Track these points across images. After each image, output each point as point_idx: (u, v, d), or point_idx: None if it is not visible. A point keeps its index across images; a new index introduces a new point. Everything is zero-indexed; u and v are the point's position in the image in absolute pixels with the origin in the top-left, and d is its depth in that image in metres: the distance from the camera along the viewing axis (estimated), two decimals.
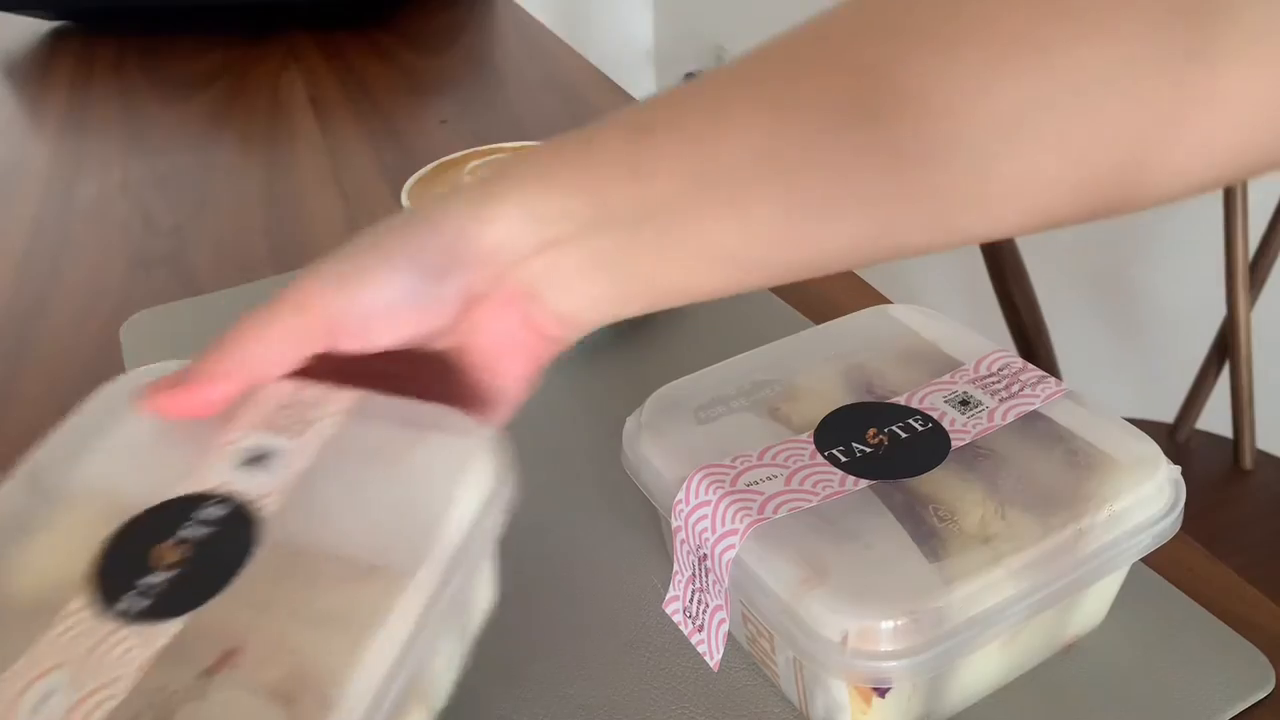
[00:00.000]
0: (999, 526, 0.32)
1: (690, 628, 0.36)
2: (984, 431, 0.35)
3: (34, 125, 0.98)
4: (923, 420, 0.36)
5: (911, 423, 0.36)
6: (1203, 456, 0.94)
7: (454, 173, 0.57)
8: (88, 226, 0.75)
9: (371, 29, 1.13)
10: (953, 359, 0.39)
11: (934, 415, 0.36)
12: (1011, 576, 0.31)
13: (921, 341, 0.40)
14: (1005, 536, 0.32)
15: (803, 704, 0.34)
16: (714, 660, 0.35)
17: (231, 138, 0.89)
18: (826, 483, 0.33)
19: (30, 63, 1.13)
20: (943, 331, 0.41)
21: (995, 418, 0.36)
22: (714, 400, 0.38)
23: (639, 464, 0.37)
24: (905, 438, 0.35)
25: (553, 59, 1.04)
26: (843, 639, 0.29)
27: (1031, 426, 0.36)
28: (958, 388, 0.37)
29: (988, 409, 0.36)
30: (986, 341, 0.40)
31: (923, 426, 0.36)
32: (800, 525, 0.32)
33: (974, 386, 0.37)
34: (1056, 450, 0.35)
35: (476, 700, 0.36)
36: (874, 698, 0.31)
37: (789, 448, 0.35)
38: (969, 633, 0.30)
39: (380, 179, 0.79)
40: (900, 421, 0.36)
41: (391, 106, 0.93)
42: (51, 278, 0.68)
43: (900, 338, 0.41)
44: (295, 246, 0.69)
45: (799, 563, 0.31)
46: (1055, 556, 0.32)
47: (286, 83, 1.00)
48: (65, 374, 0.58)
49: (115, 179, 0.82)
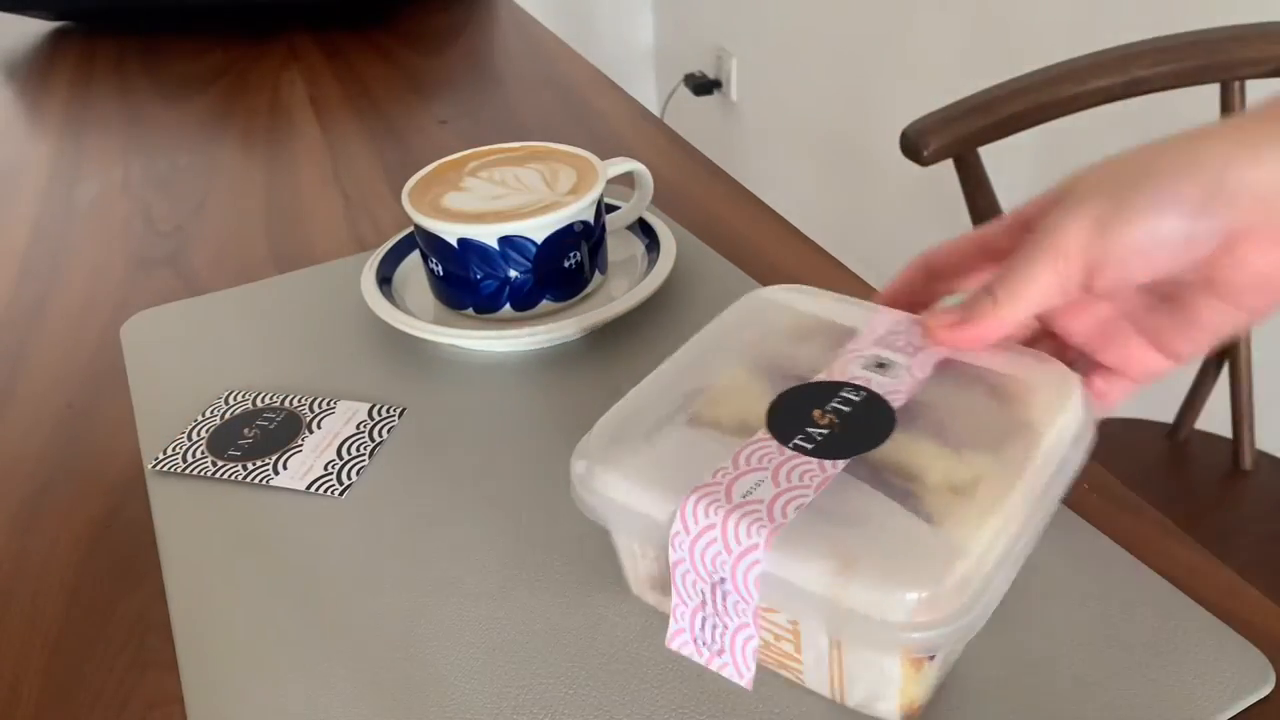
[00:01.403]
0: (966, 474, 0.32)
1: (707, 655, 0.34)
2: (914, 387, 0.36)
3: (34, 125, 0.98)
4: (855, 390, 0.36)
5: (847, 395, 0.36)
6: (1202, 457, 0.94)
7: (454, 173, 0.57)
8: (88, 226, 0.75)
9: (371, 29, 1.13)
10: (845, 327, 0.39)
11: (862, 384, 0.36)
12: (1005, 516, 0.31)
13: (807, 317, 0.40)
14: (977, 482, 0.32)
15: (839, 693, 0.34)
16: (746, 679, 0.34)
17: (231, 138, 0.89)
18: (809, 473, 0.33)
19: (30, 63, 1.13)
20: (821, 304, 0.41)
21: (916, 372, 0.36)
22: (657, 422, 0.36)
23: (600, 505, 0.35)
24: (850, 411, 0.35)
25: (553, 59, 1.04)
26: (905, 616, 0.29)
27: (948, 373, 0.36)
28: (867, 352, 0.37)
29: (904, 366, 0.37)
30: (864, 305, 0.40)
31: (858, 397, 0.36)
32: (802, 522, 0.32)
33: (881, 349, 0.38)
34: (979, 389, 0.36)
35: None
36: (925, 663, 0.32)
37: (756, 448, 0.34)
38: (998, 578, 0.31)
39: (380, 179, 0.79)
40: (837, 397, 0.36)
41: (391, 106, 0.93)
42: (51, 278, 0.68)
43: (787, 318, 0.41)
44: (295, 246, 0.69)
45: (825, 556, 0.30)
46: (1027, 485, 0.32)
47: (286, 83, 1.00)
48: (65, 374, 0.58)
49: (115, 179, 0.82)
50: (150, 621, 0.41)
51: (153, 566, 0.43)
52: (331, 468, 0.47)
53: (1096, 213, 0.32)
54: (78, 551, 0.45)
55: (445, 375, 0.53)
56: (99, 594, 0.43)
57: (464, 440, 0.48)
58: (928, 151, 0.78)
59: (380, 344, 0.56)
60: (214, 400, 0.52)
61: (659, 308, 0.56)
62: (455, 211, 0.53)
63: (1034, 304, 0.34)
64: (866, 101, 1.68)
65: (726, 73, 2.10)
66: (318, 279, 0.63)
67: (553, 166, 0.57)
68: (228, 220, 0.74)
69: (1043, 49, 0.81)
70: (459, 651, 0.38)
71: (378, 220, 0.72)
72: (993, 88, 0.79)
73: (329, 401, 0.51)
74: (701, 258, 0.61)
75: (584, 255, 0.55)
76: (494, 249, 0.52)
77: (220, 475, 0.47)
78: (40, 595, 0.43)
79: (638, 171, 0.59)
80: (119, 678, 0.39)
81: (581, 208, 0.53)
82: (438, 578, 0.41)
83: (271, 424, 0.50)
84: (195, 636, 0.39)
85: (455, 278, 0.54)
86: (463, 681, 0.37)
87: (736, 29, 2.04)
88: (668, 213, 0.66)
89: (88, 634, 0.41)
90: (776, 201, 0.71)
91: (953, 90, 0.80)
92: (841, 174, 1.83)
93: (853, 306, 0.40)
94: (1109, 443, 1.06)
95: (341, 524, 0.44)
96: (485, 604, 0.39)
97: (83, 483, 0.49)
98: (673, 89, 2.29)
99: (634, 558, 0.37)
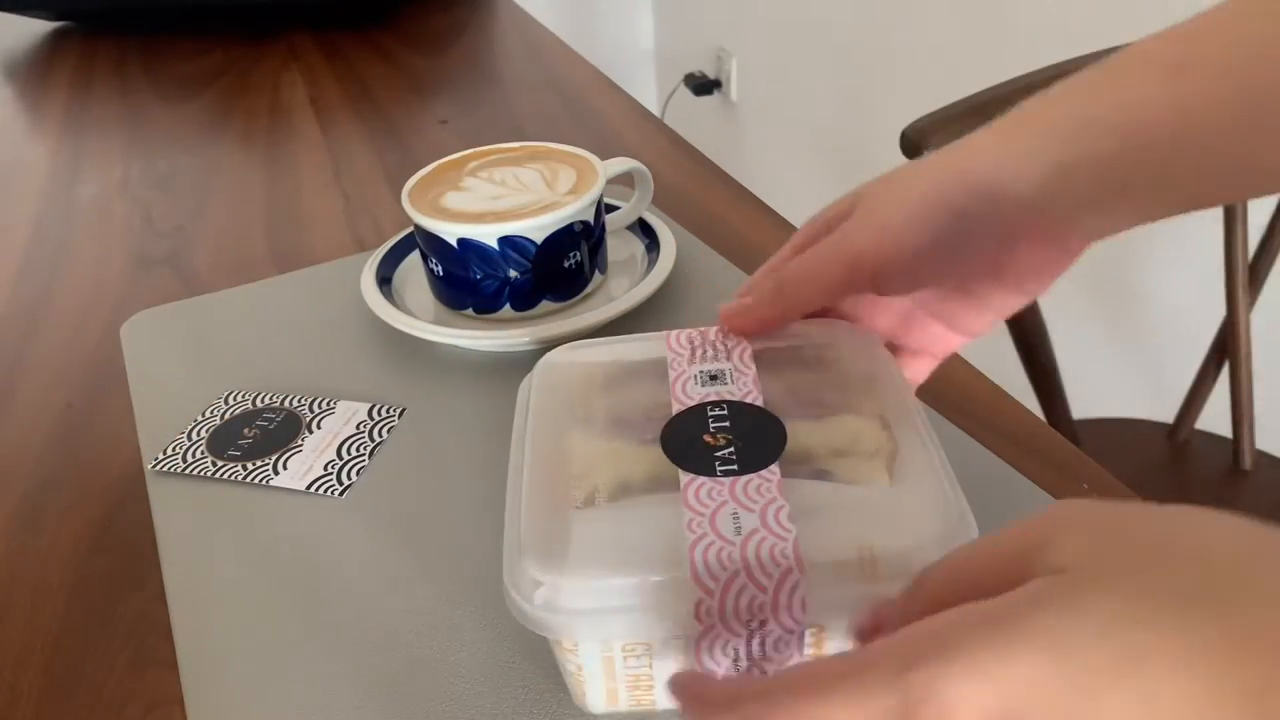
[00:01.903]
0: (868, 440, 0.34)
1: None
2: (756, 382, 0.36)
3: (34, 125, 0.98)
4: (718, 405, 0.36)
5: (716, 413, 0.35)
6: (1202, 456, 0.94)
7: (454, 173, 0.57)
8: (88, 226, 0.75)
9: (371, 29, 1.13)
10: (649, 360, 0.39)
11: (719, 398, 0.36)
12: (930, 455, 0.33)
13: (608, 366, 0.39)
14: (877, 441, 0.34)
15: None
16: None
17: (231, 138, 0.89)
18: (761, 487, 0.32)
19: (30, 63, 1.13)
20: (611, 350, 0.40)
21: (748, 369, 0.37)
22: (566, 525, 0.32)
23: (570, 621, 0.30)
24: (736, 423, 0.35)
25: (553, 59, 1.04)
26: (936, 555, 0.30)
27: (768, 360, 0.37)
28: (692, 371, 0.37)
29: (731, 369, 0.37)
30: (646, 337, 0.40)
31: (725, 410, 0.35)
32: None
33: (701, 364, 0.38)
34: (802, 360, 0.37)
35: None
36: None
37: (696, 487, 0.32)
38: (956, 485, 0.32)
39: (380, 179, 0.79)
40: (711, 418, 0.35)
41: (391, 106, 0.93)
42: (51, 278, 0.68)
43: (592, 374, 0.39)
44: (295, 246, 0.69)
45: (840, 553, 0.30)
46: (914, 424, 0.34)
47: (286, 83, 1.00)
48: (65, 374, 0.58)
49: (115, 179, 0.82)
50: (150, 621, 0.41)
51: (153, 566, 0.43)
52: (331, 468, 0.47)
53: (883, 222, 0.35)
54: (78, 551, 0.45)
55: (445, 375, 0.53)
56: (99, 594, 0.43)
57: (464, 440, 0.48)
58: (927, 151, 0.78)
59: (380, 344, 0.56)
60: (214, 400, 0.52)
61: (659, 308, 0.56)
62: (455, 211, 0.53)
63: (814, 301, 0.37)
64: (866, 101, 1.68)
65: (726, 73, 2.10)
66: (318, 279, 0.63)
67: (553, 166, 0.57)
68: (227, 220, 0.74)
69: (1043, 49, 0.81)
70: (459, 651, 0.38)
71: (378, 220, 0.72)
72: (992, 88, 0.79)
73: (329, 401, 0.51)
74: (701, 258, 0.61)
75: (584, 255, 0.55)
76: (494, 249, 0.52)
77: (220, 475, 0.47)
78: (40, 595, 0.43)
79: (638, 171, 0.59)
80: (119, 678, 0.39)
81: (581, 208, 0.53)
82: (437, 578, 0.41)
83: (271, 424, 0.50)
84: (195, 636, 0.39)
85: (455, 278, 0.54)
86: (463, 681, 0.37)
87: (736, 29, 2.04)
88: (668, 213, 0.66)
89: (88, 634, 0.41)
90: (776, 201, 0.71)
91: (953, 90, 0.80)
92: (841, 174, 1.83)
93: (639, 342, 0.40)
94: (1109, 443, 1.06)
95: (341, 524, 0.44)
96: (485, 604, 0.39)
97: (83, 482, 0.49)
98: (673, 89, 2.29)
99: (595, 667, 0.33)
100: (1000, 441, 0.46)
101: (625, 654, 0.32)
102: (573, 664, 0.33)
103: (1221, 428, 0.93)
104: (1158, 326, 1.27)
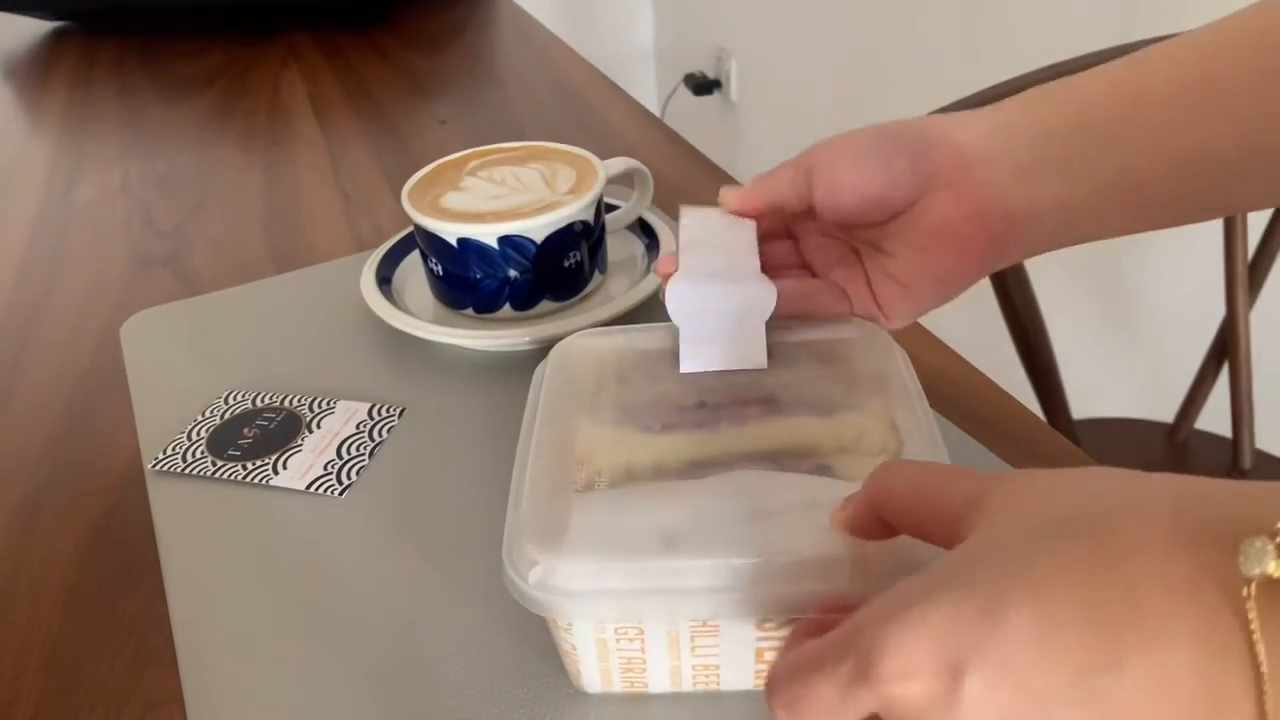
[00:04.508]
0: (874, 438, 0.34)
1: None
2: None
3: (34, 125, 0.98)
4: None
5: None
6: (1202, 456, 0.94)
7: (454, 173, 0.57)
8: (88, 226, 0.75)
9: (371, 29, 1.13)
10: (660, 350, 0.40)
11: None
12: (936, 457, 0.33)
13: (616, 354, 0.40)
14: (883, 439, 0.34)
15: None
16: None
17: (231, 138, 0.89)
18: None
19: (30, 63, 1.13)
20: (619, 339, 0.42)
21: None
22: (567, 508, 0.32)
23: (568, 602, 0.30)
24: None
25: (553, 59, 1.04)
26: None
27: (782, 352, 0.39)
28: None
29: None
30: (651, 327, 0.42)
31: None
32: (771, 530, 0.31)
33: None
34: (816, 355, 0.38)
35: None
36: None
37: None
38: None
39: (380, 179, 0.79)
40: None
41: (391, 106, 0.93)
42: (51, 278, 0.68)
43: (597, 363, 0.40)
44: (295, 246, 0.69)
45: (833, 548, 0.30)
46: (922, 426, 0.34)
47: (286, 83, 1.00)
48: (65, 374, 0.58)
49: (115, 179, 0.82)
50: (150, 621, 0.41)
51: (153, 566, 0.43)
52: (331, 467, 0.47)
53: (833, 142, 0.40)
54: (78, 551, 0.45)
55: (445, 375, 0.53)
56: (99, 594, 0.43)
57: (464, 440, 0.48)
58: None
59: (380, 344, 0.56)
60: (214, 400, 0.52)
61: (659, 308, 0.56)
62: (455, 211, 0.53)
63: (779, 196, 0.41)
64: (867, 102, 1.68)
65: (726, 73, 2.10)
66: (317, 279, 0.63)
67: (553, 166, 0.57)
68: (227, 220, 0.74)
69: (1043, 49, 0.81)
70: (458, 651, 0.38)
71: (377, 220, 0.72)
72: (992, 88, 0.79)
73: (329, 401, 0.51)
74: None
75: (584, 255, 0.55)
76: (494, 249, 0.52)
77: (220, 475, 0.47)
78: (40, 595, 0.43)
79: (637, 171, 0.59)
80: (119, 677, 0.39)
81: (581, 207, 0.53)
82: (437, 577, 0.41)
83: (271, 424, 0.50)
84: (195, 636, 0.39)
85: (455, 278, 0.54)
86: (462, 681, 0.37)
87: (736, 29, 2.04)
88: (668, 213, 0.66)
89: (88, 634, 0.41)
90: None
91: (953, 90, 0.80)
92: None
93: (653, 331, 0.41)
94: (1109, 442, 1.06)
95: (341, 524, 0.44)
96: (485, 604, 0.39)
97: (82, 483, 0.49)
98: (673, 89, 2.29)
99: (589, 648, 0.33)
100: (1000, 441, 0.46)
101: (618, 636, 0.32)
102: (567, 644, 0.33)
103: (1221, 428, 0.93)
104: (1158, 326, 1.27)
